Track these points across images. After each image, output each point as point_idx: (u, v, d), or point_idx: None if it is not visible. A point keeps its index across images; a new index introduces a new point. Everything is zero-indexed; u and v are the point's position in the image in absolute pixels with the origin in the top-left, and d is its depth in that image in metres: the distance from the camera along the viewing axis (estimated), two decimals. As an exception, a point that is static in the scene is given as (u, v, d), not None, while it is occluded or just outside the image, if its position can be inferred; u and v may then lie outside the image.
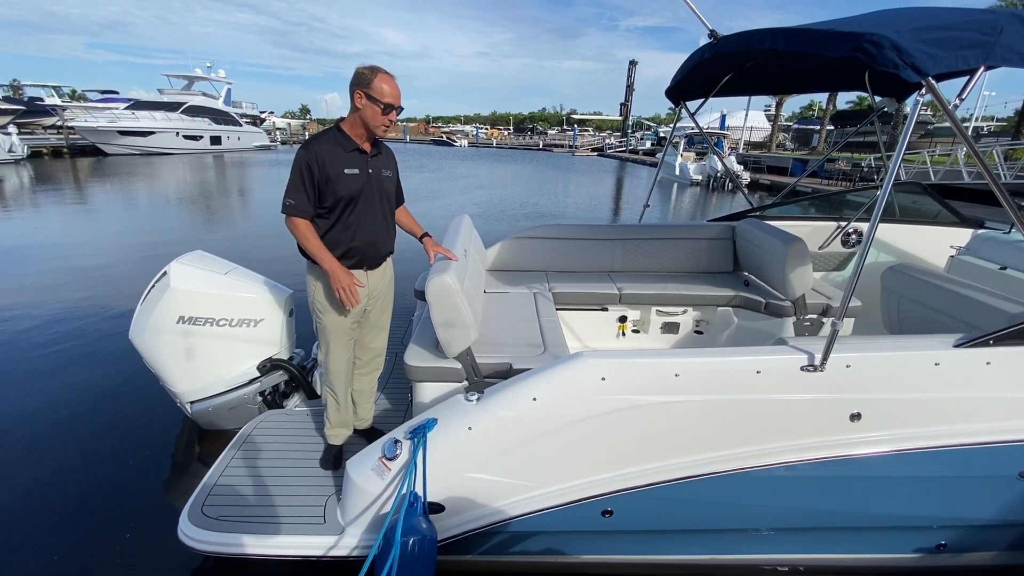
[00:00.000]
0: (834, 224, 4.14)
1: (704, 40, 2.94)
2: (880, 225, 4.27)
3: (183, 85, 35.88)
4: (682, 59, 3.45)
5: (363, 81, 2.11)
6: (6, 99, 35.85)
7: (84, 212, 12.11)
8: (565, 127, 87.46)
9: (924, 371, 1.94)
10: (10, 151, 22.68)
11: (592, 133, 73.13)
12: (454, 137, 71.78)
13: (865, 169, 18.94)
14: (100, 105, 35.39)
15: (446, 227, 3.19)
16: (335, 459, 2.52)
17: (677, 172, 23.55)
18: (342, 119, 2.26)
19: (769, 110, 44.22)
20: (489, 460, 1.89)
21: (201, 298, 2.74)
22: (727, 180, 21.01)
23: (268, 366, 2.95)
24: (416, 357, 2.43)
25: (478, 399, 1.92)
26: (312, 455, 2.55)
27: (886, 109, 3.89)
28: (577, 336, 3.72)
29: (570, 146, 59.32)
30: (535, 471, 1.94)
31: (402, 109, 2.18)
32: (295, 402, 3.12)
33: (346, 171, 2.16)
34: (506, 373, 2.40)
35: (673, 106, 4.19)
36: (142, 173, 20.78)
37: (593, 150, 55.18)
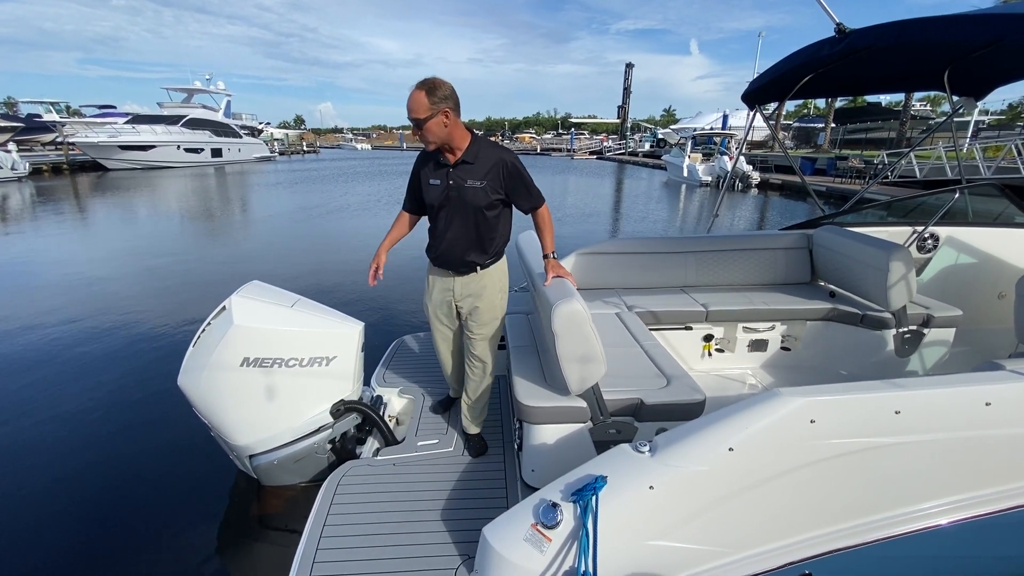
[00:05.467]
0: (909, 229, 3.93)
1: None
2: (956, 229, 4.04)
3: (183, 98, 35.63)
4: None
5: None
6: (3, 116, 35.61)
7: (94, 230, 11.79)
8: (560, 131, 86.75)
9: None
10: (12, 168, 22.31)
11: (588, 136, 72.22)
12: (451, 143, 71.22)
13: (879, 166, 18.90)
14: (100, 120, 35.18)
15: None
16: (477, 446, 2.63)
17: (685, 173, 23.35)
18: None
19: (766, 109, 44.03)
20: (674, 524, 1.57)
21: (268, 335, 2.40)
22: (736, 180, 21.00)
23: (342, 409, 2.62)
24: (530, 395, 2.14)
25: (651, 450, 1.61)
26: (417, 513, 2.19)
27: (961, 109, 3.81)
28: (679, 357, 3.46)
29: (568, 150, 58.95)
30: (729, 534, 1.63)
31: (419, 120, 2.14)
32: (371, 448, 2.75)
33: (431, 181, 2.31)
34: (636, 410, 2.15)
35: (748, 108, 4.18)
36: (146, 187, 20.45)
37: (591, 153, 54.90)
